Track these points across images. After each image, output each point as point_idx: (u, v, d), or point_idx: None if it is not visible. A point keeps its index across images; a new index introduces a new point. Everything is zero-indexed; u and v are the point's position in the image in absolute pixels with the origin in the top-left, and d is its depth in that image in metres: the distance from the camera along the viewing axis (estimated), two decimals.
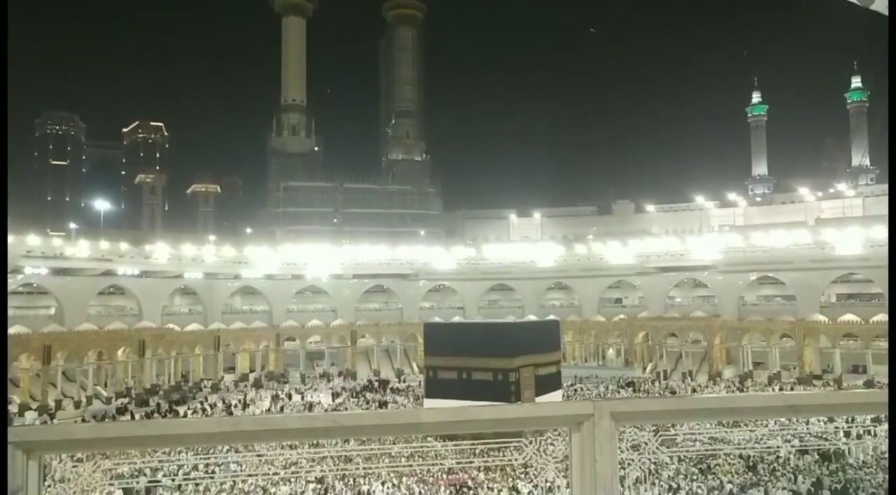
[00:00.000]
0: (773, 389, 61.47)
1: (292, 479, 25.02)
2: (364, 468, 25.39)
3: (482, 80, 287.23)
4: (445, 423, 2.40)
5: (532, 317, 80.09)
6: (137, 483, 26.16)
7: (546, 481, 28.56)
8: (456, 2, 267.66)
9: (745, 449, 27.83)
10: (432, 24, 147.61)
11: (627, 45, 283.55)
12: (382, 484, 28.28)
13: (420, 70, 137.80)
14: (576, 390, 62.82)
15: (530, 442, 3.90)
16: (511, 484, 28.44)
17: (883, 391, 2.56)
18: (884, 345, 65.46)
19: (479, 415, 2.41)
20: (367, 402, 58.64)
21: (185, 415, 54.61)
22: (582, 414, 2.47)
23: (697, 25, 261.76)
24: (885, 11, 8.43)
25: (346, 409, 55.69)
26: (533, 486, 27.88)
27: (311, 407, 57.64)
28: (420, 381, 63.59)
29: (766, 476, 29.22)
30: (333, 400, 60.94)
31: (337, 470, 25.45)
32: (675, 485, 27.93)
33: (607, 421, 2.47)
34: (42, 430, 2.13)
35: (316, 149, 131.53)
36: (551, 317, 75.63)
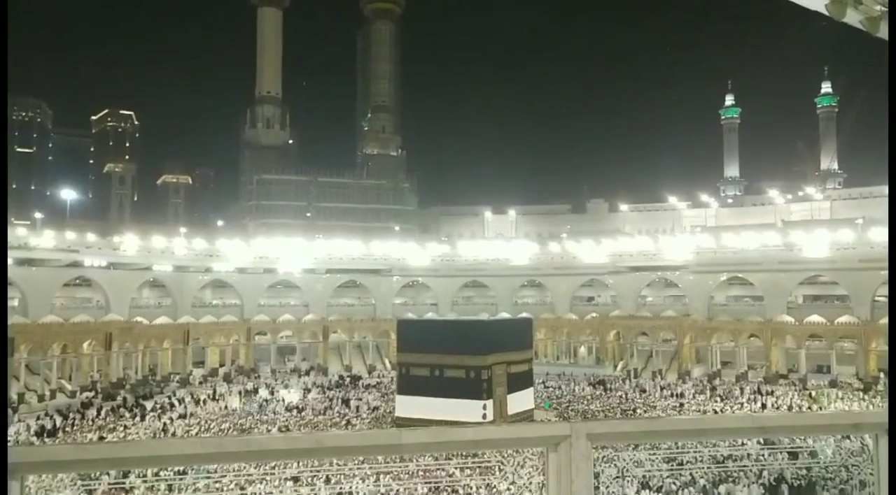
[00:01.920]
0: (740, 387, 62.61)
1: (268, 477, 24.85)
2: (339, 466, 25.31)
3: (459, 77, 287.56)
4: (426, 444, 2.44)
5: (505, 315, 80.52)
6: (99, 483, 25.78)
7: (521, 477, 28.80)
8: None
9: (715, 446, 28.41)
10: (410, 19, 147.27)
11: (603, 46, 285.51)
12: (363, 480, 28.22)
13: (397, 65, 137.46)
14: (545, 386, 63.33)
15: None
16: (488, 482, 28.64)
17: (847, 413, 2.66)
18: (846, 345, 67.19)
19: (460, 436, 2.46)
20: (331, 399, 58.42)
21: (153, 408, 53.92)
22: (559, 435, 2.53)
23: (672, 28, 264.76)
24: (857, 24, 8.69)
25: (310, 407, 55.13)
26: (510, 483, 28.09)
27: (265, 403, 57.07)
28: (392, 378, 63.63)
29: (735, 471, 29.88)
30: (304, 396, 60.51)
31: (312, 467, 25.31)
32: (648, 482, 28.39)
33: (583, 442, 2.54)
34: (25, 452, 2.13)
35: (290, 142, 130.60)
36: (524, 314, 76.20)
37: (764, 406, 55.03)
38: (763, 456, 32.11)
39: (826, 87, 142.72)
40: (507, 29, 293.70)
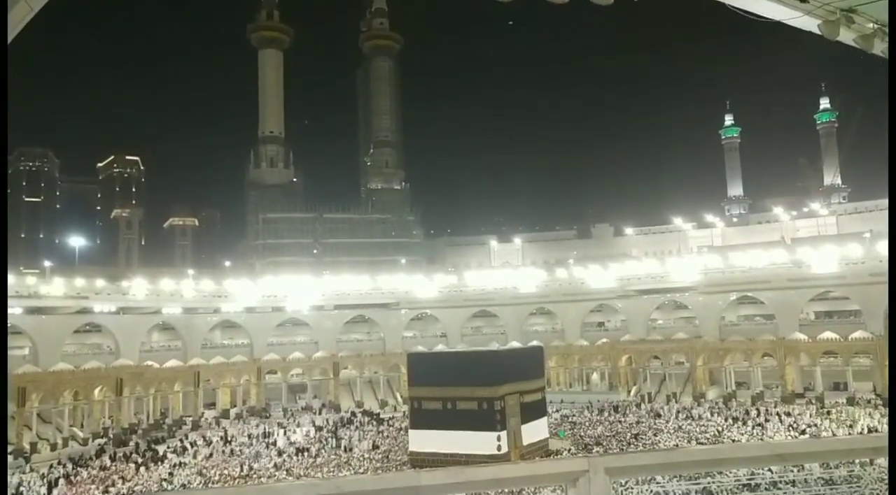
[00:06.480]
0: (756, 409, 61.72)
1: None
2: None
3: (460, 108, 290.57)
4: (444, 485, 2.44)
5: (515, 344, 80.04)
6: None
7: None
8: (432, 31, 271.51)
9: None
10: (409, 53, 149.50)
11: (603, 72, 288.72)
12: None
13: (397, 99, 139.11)
14: (562, 416, 62.60)
15: None
16: None
17: (865, 437, 2.65)
18: (862, 361, 66.33)
19: (478, 476, 2.46)
20: (325, 441, 57.61)
21: (164, 454, 53.45)
22: (577, 470, 2.53)
23: (670, 51, 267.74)
24: (851, 43, 8.80)
25: (303, 447, 54.22)
26: None
27: (263, 447, 56.21)
28: (403, 412, 63.09)
29: (765, 489, 29.25)
30: (289, 441, 59.19)
31: None
32: None
33: (602, 476, 2.53)
34: None
35: (295, 180, 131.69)
36: (534, 342, 75.68)
37: (779, 421, 54.10)
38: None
39: (824, 103, 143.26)
40: (505, 61, 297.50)
